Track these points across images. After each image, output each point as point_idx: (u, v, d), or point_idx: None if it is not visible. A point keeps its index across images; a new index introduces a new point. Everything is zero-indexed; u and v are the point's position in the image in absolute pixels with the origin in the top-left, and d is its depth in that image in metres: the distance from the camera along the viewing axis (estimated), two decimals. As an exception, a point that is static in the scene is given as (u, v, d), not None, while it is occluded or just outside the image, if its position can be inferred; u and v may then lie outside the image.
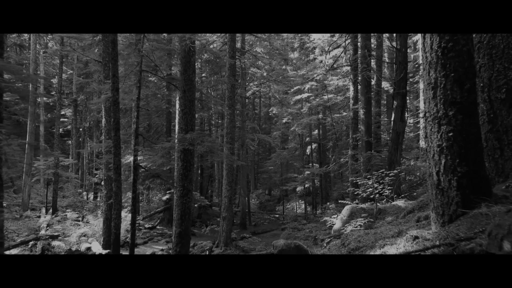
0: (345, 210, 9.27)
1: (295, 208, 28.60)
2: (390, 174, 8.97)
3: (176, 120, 9.35)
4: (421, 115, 23.48)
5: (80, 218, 18.32)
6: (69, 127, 31.70)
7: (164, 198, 15.97)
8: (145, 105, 13.13)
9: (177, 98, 11.62)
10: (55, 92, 20.63)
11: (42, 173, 19.68)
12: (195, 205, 28.59)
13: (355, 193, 10.67)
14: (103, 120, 12.76)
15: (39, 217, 18.07)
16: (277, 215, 28.34)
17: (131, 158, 9.77)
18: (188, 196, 7.40)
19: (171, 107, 16.29)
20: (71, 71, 29.83)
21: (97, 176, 23.72)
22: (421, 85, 22.33)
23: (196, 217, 24.79)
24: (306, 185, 28.02)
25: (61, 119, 34.79)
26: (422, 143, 24.40)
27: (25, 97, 17.94)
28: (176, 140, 7.14)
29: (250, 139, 26.68)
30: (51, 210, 19.12)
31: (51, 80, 31.57)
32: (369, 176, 9.09)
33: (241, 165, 22.17)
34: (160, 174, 9.22)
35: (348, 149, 14.79)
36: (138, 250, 13.26)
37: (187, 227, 7.32)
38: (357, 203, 12.79)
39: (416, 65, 20.54)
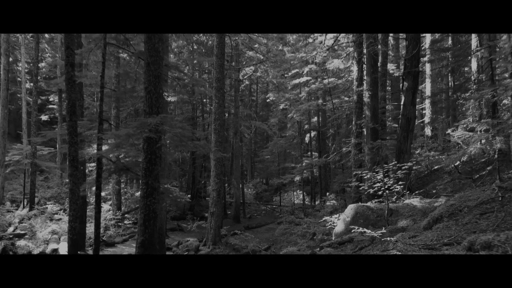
0: (349, 210, 7.78)
1: (293, 198, 27.21)
2: (403, 167, 7.45)
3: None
4: (427, 101, 21.94)
5: (62, 211, 16.86)
6: (57, 114, 30.11)
7: (137, 194, 14.47)
8: (117, 86, 11.54)
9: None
10: (33, 76, 18.94)
11: (18, 164, 18.15)
12: (187, 197, 27.27)
13: (360, 188, 9.18)
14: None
15: (15, 210, 16.60)
16: (274, 206, 26.98)
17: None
18: (154, 196, 5.89)
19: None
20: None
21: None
22: (427, 67, 20.68)
23: (188, 210, 23.42)
24: (305, 175, 26.59)
25: (50, 106, 33.16)
26: (427, 131, 22.89)
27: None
28: (134, 126, 5.60)
29: (245, 127, 25.11)
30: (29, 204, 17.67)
31: (39, 65, 29.79)
32: (377, 170, 7.57)
33: (234, 154, 20.66)
34: (130, 167, 7.71)
35: (351, 137, 13.24)
36: (115, 250, 11.86)
37: (152, 234, 5.84)
38: (361, 197, 11.33)
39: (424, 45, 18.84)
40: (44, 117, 31.33)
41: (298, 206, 24.24)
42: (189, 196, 25.94)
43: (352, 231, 5.17)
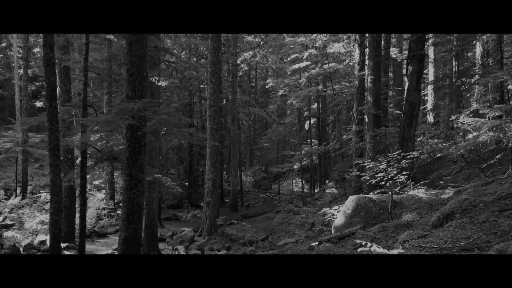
0: (350, 202, 7.31)
1: (291, 186, 26.83)
2: (408, 156, 6.95)
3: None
4: (429, 86, 21.31)
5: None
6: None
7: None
8: (109, 70, 10.93)
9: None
10: (23, 61, 18.30)
11: (9, 151, 17.64)
12: (178, 188, 26.87)
13: (361, 177, 8.70)
14: (58, 89, 10.61)
15: (5, 200, 16.20)
16: (273, 194, 26.64)
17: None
18: (138, 188, 5.41)
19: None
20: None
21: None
22: (431, 51, 19.99)
23: (186, 198, 23.04)
24: (304, 162, 26.14)
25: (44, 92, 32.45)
26: (429, 118, 22.32)
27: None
28: (114, 112, 5.07)
29: (243, 114, 24.53)
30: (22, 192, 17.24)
31: (34, 50, 29.00)
32: (380, 159, 7.08)
33: (232, 142, 20.16)
34: (117, 156, 7.20)
35: (351, 124, 12.71)
36: (107, 241, 11.46)
37: (137, 230, 5.38)
38: (361, 186, 10.87)
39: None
40: (39, 104, 30.73)
41: (297, 194, 23.87)
42: (186, 183, 25.66)
43: (359, 249, 4.68)
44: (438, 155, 15.92)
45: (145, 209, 9.64)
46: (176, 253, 10.58)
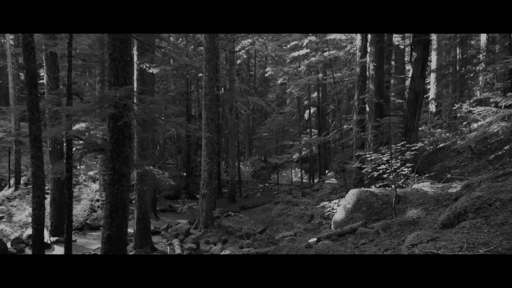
0: (350, 196, 6.92)
1: (291, 176, 26.48)
2: (413, 148, 6.53)
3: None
4: (432, 75, 20.76)
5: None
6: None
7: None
8: (102, 57, 10.44)
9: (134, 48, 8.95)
10: (15, 48, 17.73)
11: (1, 141, 17.21)
12: (182, 175, 26.54)
13: (362, 170, 8.29)
14: (45, 76, 10.14)
15: (-2, 191, 15.84)
16: (272, 184, 26.32)
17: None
18: (122, 183, 5.01)
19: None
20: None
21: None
22: (434, 38, 19.37)
23: (183, 188, 22.71)
24: (304, 152, 25.73)
25: (41, 81, 31.88)
26: (431, 107, 21.84)
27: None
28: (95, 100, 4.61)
29: (242, 103, 24.01)
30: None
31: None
32: (384, 150, 6.66)
33: (230, 131, 19.72)
34: (104, 147, 6.78)
35: (352, 114, 12.25)
36: (99, 234, 11.09)
37: (121, 228, 4.99)
38: (362, 178, 10.48)
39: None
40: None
41: (296, 184, 23.53)
42: (184, 174, 25.31)
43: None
44: (440, 145, 15.51)
45: (137, 202, 9.28)
46: (169, 248, 10.25)
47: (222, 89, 24.74)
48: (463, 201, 4.05)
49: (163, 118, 5.20)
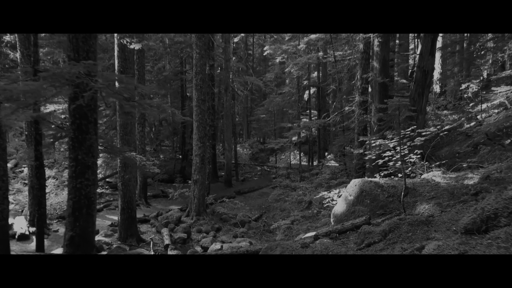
0: (352, 186, 6.20)
1: (289, 159, 25.79)
2: (424, 133, 5.77)
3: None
4: (437, 54, 19.74)
5: (22, 180, 15.40)
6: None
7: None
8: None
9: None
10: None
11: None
12: (178, 157, 25.84)
13: (365, 156, 7.55)
14: (18, 53, 9.25)
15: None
16: (270, 167, 25.68)
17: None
18: (86, 176, 4.27)
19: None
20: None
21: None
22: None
23: (179, 171, 22.07)
24: (303, 134, 24.96)
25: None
26: (436, 87, 20.96)
27: None
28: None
29: (238, 83, 23.04)
30: None
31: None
32: (391, 135, 5.91)
33: (225, 113, 18.88)
34: (69, 132, 6.00)
35: (354, 94, 11.42)
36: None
37: (86, 228, 4.29)
38: (364, 164, 9.76)
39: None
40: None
41: (295, 167, 22.88)
42: (180, 156, 24.62)
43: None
44: (446, 127, 14.74)
45: (121, 190, 8.60)
46: (158, 238, 9.64)
47: (219, 68, 23.74)
48: (491, 202, 3.32)
49: (135, 100, 4.41)
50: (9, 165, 16.29)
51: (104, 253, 7.56)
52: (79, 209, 4.30)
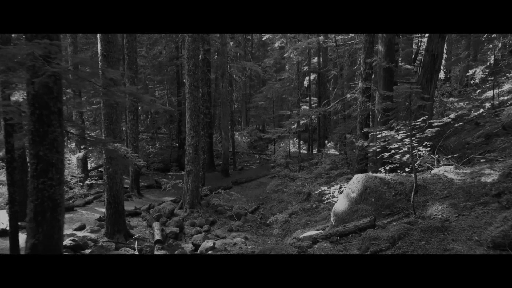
0: (355, 182, 5.63)
1: (288, 147, 25.19)
2: (435, 124, 5.16)
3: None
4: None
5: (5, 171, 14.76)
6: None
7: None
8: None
9: None
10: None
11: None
12: (174, 145, 25.25)
13: (369, 149, 6.97)
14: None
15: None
16: (269, 155, 25.12)
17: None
18: (50, 175, 3.72)
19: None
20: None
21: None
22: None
23: (175, 160, 21.54)
24: (302, 121, 24.31)
25: None
26: (441, 73, 20.20)
27: None
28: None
29: (236, 69, 22.26)
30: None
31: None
32: (399, 126, 5.32)
33: (222, 100, 18.21)
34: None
35: (357, 81, 10.75)
36: (71, 216, 9.98)
37: (51, 236, 3.75)
38: (367, 155, 9.18)
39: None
40: None
41: (294, 155, 22.31)
42: (177, 144, 24.03)
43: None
44: (451, 116, 14.12)
45: (106, 184, 8.04)
46: (148, 232, 9.14)
47: (216, 54, 22.92)
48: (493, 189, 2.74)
49: (99, 85, 3.79)
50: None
51: (88, 251, 7.06)
52: (42, 213, 3.74)
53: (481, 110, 12.46)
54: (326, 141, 24.97)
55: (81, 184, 11.79)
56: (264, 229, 10.45)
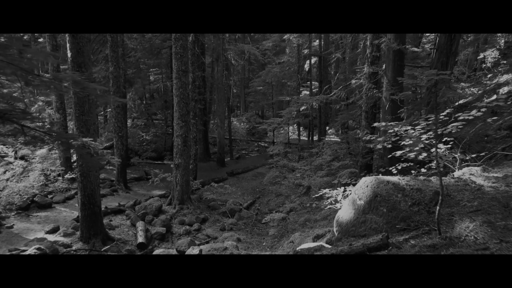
0: (363, 187, 4.72)
1: (288, 134, 24.24)
2: (460, 118, 4.21)
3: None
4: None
5: (12, 154, 13.90)
6: None
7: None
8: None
9: None
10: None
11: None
12: (169, 131, 24.27)
13: (376, 143, 6.02)
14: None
15: None
16: (268, 143, 24.21)
17: None
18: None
19: None
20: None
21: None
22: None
23: (169, 149, 20.64)
24: (303, 107, 23.35)
25: None
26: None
27: None
28: None
29: (233, 52, 21.11)
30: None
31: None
32: (416, 121, 4.38)
33: (217, 85, 17.17)
34: (6, 112, 4.51)
35: (363, 65, 9.72)
36: (48, 215, 9.13)
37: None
38: (372, 149, 8.25)
39: None
40: None
41: (294, 142, 21.38)
42: (171, 130, 23.07)
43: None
44: (460, 102, 13.12)
45: (80, 182, 7.14)
46: (131, 233, 8.30)
47: (212, 36, 21.72)
48: None
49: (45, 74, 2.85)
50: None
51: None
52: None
53: (494, 96, 11.47)
54: (328, 127, 24.01)
55: (61, 178, 10.90)
56: (260, 227, 9.63)
